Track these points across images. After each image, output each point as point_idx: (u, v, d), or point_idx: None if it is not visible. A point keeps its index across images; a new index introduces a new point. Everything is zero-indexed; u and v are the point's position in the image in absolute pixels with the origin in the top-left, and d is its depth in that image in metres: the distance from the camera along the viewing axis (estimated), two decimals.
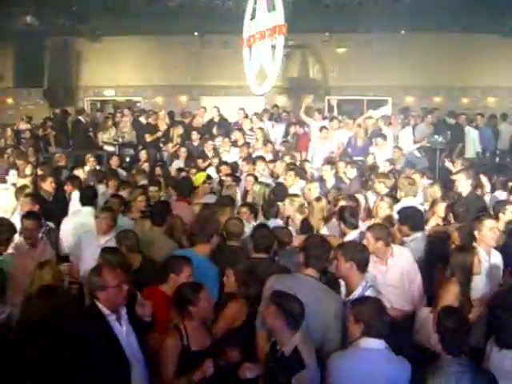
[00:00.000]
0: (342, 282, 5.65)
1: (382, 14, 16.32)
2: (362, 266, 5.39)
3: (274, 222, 7.95)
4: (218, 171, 11.91)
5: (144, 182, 10.76)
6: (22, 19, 17.81)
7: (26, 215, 7.41)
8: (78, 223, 8.05)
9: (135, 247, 6.71)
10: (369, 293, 5.25)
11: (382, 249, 6.34)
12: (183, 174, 11.49)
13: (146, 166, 13.01)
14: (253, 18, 15.13)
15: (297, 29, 16.96)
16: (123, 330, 4.75)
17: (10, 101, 21.31)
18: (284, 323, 4.59)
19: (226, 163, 12.24)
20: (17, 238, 7.11)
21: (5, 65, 19.53)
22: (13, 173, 11.16)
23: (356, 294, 5.27)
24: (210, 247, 6.62)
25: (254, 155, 13.12)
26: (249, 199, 9.70)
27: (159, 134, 15.78)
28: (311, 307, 4.84)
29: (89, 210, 8.28)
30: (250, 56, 15.29)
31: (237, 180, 10.77)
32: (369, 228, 6.64)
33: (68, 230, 8.21)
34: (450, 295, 5.64)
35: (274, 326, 4.64)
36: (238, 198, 10.04)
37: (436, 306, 5.60)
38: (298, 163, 12.25)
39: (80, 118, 17.23)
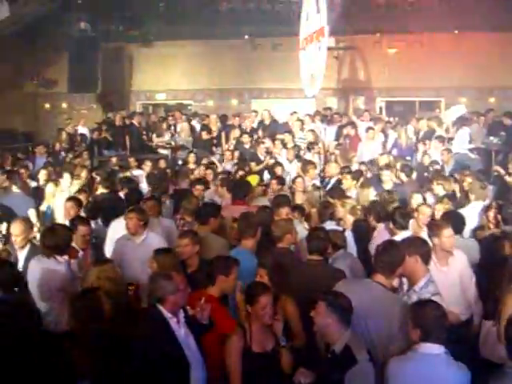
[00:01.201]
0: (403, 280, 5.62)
1: (433, 14, 16.11)
2: (426, 259, 5.46)
3: (330, 225, 7.93)
4: (272, 173, 11.99)
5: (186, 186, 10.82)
6: (76, 26, 18.19)
7: (78, 220, 7.50)
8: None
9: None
10: (431, 287, 5.31)
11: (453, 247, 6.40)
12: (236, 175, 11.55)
13: (193, 169, 13.06)
14: (307, 20, 15.12)
15: (347, 30, 16.99)
16: (182, 332, 4.80)
17: (64, 105, 21.74)
18: (334, 321, 4.58)
19: (280, 165, 12.34)
20: None
21: (59, 70, 19.92)
22: (66, 176, 11.38)
23: (420, 284, 5.32)
24: (255, 241, 6.74)
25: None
26: (296, 201, 9.67)
27: (214, 134, 15.95)
28: (376, 315, 4.87)
29: None
30: (304, 58, 15.26)
31: (283, 183, 10.84)
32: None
33: (116, 232, 8.16)
34: None
35: (325, 325, 4.62)
36: None
37: (500, 317, 5.46)
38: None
39: (133, 121, 17.45)
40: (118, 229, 8.02)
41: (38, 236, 8.84)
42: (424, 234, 6.81)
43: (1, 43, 17.10)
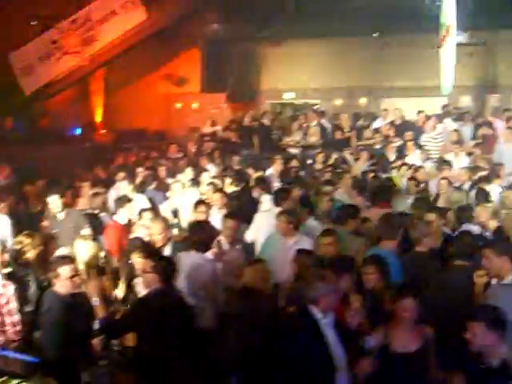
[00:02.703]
0: None
1: None
2: None
3: (466, 227, 7.71)
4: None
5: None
6: (209, 27, 18.70)
7: (228, 215, 7.70)
8: (271, 223, 8.03)
9: None
10: None
11: None
12: (371, 176, 11.49)
13: (321, 168, 13.08)
14: (442, 17, 14.78)
15: (482, 26, 16.42)
16: (332, 334, 4.80)
17: (195, 105, 22.30)
18: (496, 340, 4.44)
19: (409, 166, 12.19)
20: None
21: (192, 70, 20.50)
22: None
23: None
24: (396, 243, 6.66)
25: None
26: (440, 203, 9.46)
27: (347, 134, 15.89)
28: None
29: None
30: (441, 56, 14.90)
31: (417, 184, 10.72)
32: None
33: (260, 229, 8.34)
34: None
35: (484, 345, 4.45)
36: None
37: None
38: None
39: (264, 120, 17.62)
40: (260, 222, 8.34)
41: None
42: None
43: (137, 45, 17.84)
